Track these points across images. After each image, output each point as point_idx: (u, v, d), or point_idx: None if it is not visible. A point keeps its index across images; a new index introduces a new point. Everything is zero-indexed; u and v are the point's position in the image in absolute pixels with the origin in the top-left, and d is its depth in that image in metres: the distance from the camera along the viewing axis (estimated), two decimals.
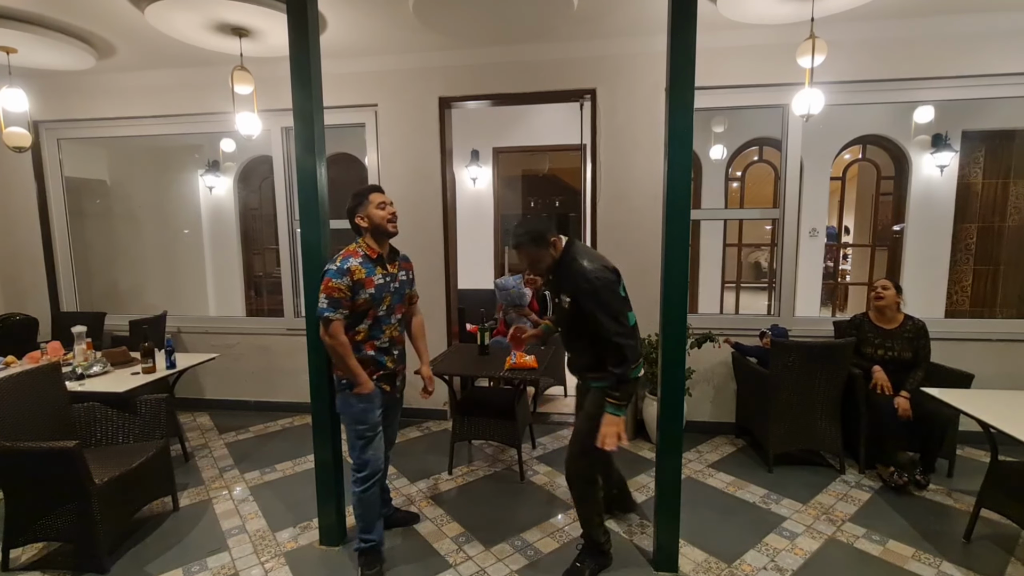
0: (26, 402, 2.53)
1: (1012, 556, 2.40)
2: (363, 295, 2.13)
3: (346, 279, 2.09)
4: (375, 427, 2.26)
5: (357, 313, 2.16)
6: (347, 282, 2.09)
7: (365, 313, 2.18)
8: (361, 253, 2.17)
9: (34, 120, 4.23)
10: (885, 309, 3.22)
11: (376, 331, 2.23)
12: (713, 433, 3.82)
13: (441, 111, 3.89)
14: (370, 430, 2.24)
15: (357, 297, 2.13)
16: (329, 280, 2.09)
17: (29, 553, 2.48)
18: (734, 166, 6.36)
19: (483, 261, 6.16)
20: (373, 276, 2.16)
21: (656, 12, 3.10)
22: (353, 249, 2.18)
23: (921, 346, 3.15)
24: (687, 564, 2.38)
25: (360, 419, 2.23)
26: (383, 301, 2.21)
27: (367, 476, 2.26)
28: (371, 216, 2.18)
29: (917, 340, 3.16)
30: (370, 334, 2.22)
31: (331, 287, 2.08)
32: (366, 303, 2.15)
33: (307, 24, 2.27)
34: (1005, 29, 3.25)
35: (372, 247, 2.21)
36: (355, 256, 2.15)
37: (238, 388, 4.44)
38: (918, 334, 3.17)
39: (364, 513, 2.30)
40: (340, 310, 2.09)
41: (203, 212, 6.19)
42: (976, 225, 5.49)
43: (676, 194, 2.13)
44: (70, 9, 3.04)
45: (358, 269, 2.12)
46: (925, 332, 3.17)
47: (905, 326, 3.20)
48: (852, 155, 6.27)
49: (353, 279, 2.10)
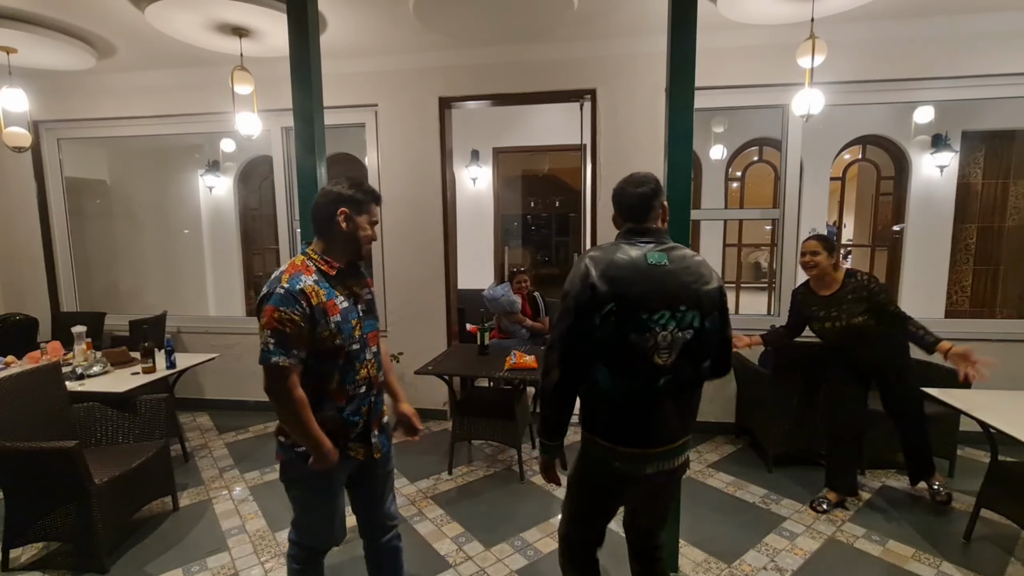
0: (26, 402, 2.53)
1: (1012, 556, 2.41)
2: (327, 326, 1.51)
3: (299, 307, 1.46)
4: (329, 516, 1.67)
5: (322, 352, 1.53)
6: (300, 311, 1.46)
7: (335, 352, 1.54)
8: (313, 268, 1.55)
9: (34, 120, 4.22)
10: (822, 276, 2.68)
11: (349, 375, 1.59)
12: (713, 433, 3.82)
13: (441, 111, 3.89)
14: (320, 519, 1.67)
15: (318, 330, 1.50)
16: (275, 310, 1.44)
17: (29, 553, 2.48)
18: (734, 166, 6.37)
19: (483, 261, 6.16)
20: (335, 298, 1.55)
21: (656, 12, 3.10)
22: (300, 263, 1.54)
23: (881, 300, 2.56)
24: (687, 564, 2.38)
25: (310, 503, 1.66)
26: (353, 330, 1.58)
27: (303, 549, 1.70)
28: (357, 225, 1.59)
29: (868, 297, 2.57)
30: (342, 379, 1.58)
31: (279, 319, 1.44)
32: (331, 337, 1.52)
33: (307, 24, 2.27)
34: (1005, 29, 3.25)
35: (330, 261, 1.58)
36: (305, 272, 1.52)
37: (238, 388, 4.44)
38: (865, 290, 2.57)
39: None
40: (293, 351, 1.46)
41: (203, 212, 6.19)
42: (976, 225, 5.49)
43: (676, 194, 2.13)
44: (70, 9, 3.04)
45: (314, 291, 1.50)
46: (873, 283, 2.60)
47: (847, 286, 2.62)
48: (852, 155, 6.27)
49: (311, 305, 1.48)
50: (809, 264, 2.67)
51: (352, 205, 1.57)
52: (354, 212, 1.58)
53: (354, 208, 1.58)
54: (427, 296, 4.07)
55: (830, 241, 2.70)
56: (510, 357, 3.12)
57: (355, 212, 1.58)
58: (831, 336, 2.71)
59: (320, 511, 1.66)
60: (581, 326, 1.42)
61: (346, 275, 1.63)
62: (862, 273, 2.67)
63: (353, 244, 1.60)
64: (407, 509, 2.87)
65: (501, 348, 3.49)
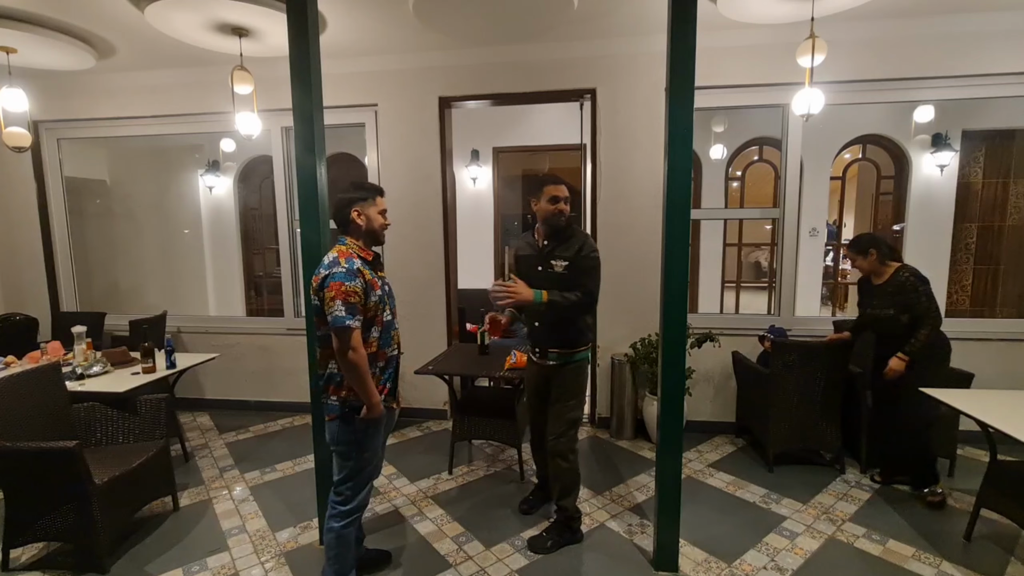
0: (26, 402, 2.53)
1: (1012, 556, 2.40)
2: (372, 298, 1.91)
3: (359, 281, 1.85)
4: (376, 455, 2.06)
5: (367, 320, 1.92)
6: (360, 284, 1.85)
7: (373, 320, 1.95)
8: (356, 255, 1.94)
9: (34, 120, 4.23)
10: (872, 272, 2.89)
11: (387, 338, 2.00)
12: (713, 433, 3.82)
13: (441, 111, 3.89)
14: (374, 457, 2.04)
15: (368, 301, 1.90)
16: (342, 284, 1.81)
17: (29, 553, 2.48)
18: (734, 166, 6.36)
19: (483, 261, 6.15)
20: (375, 278, 1.97)
21: (656, 12, 3.10)
22: (346, 251, 1.93)
23: (910, 303, 2.69)
24: (687, 564, 2.38)
25: (366, 446, 1.98)
26: (386, 304, 2.01)
27: (352, 510, 2.02)
28: (371, 217, 1.97)
29: (901, 295, 2.73)
30: (381, 343, 1.98)
31: (346, 291, 1.80)
32: (375, 307, 1.93)
33: (307, 24, 2.27)
34: (1005, 29, 3.25)
35: (365, 249, 1.99)
36: (354, 257, 1.92)
37: (238, 388, 4.44)
38: (900, 288, 2.74)
39: (340, 553, 2.04)
40: (357, 317, 1.83)
41: (203, 212, 6.19)
42: (976, 224, 5.49)
43: (676, 194, 2.13)
44: (70, 9, 3.04)
45: (364, 270, 1.90)
46: (912, 286, 2.72)
47: (892, 280, 2.79)
48: (852, 155, 6.27)
49: (365, 280, 1.88)
50: (855, 269, 3.00)
51: (360, 202, 1.97)
52: (364, 207, 1.97)
53: (362, 203, 1.97)
54: (427, 296, 4.07)
55: (857, 243, 2.92)
56: (510, 357, 3.12)
57: (365, 206, 1.97)
58: (868, 321, 2.93)
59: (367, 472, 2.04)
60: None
61: (375, 262, 2.04)
62: (910, 273, 2.77)
63: (372, 232, 2.00)
64: (407, 509, 2.88)
65: (501, 347, 3.48)
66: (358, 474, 2.01)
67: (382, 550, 2.43)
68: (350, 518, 2.02)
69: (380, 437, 2.04)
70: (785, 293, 3.75)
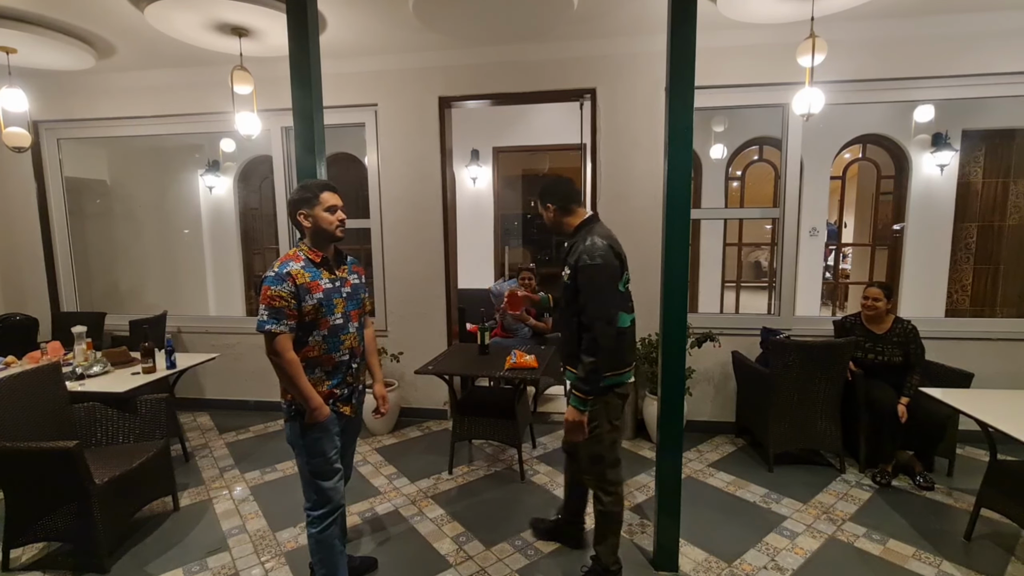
0: (26, 402, 2.54)
1: (1012, 555, 2.41)
2: (309, 302, 1.87)
3: (287, 285, 1.83)
4: (332, 459, 1.99)
5: (306, 324, 1.89)
6: (288, 288, 1.83)
7: (315, 323, 1.90)
8: (302, 257, 1.92)
9: (34, 120, 4.23)
10: (878, 317, 3.21)
11: (333, 343, 1.95)
12: (713, 433, 3.82)
13: (441, 111, 3.89)
14: (327, 463, 1.97)
15: (303, 304, 1.86)
16: (268, 288, 1.82)
17: (29, 553, 2.48)
18: (734, 165, 6.36)
19: (483, 261, 6.16)
20: (319, 280, 1.91)
21: (656, 12, 3.10)
22: (293, 253, 1.94)
23: (912, 350, 3.12)
24: (687, 563, 2.38)
25: (314, 451, 1.95)
26: (335, 307, 1.95)
27: (325, 514, 1.99)
28: (316, 217, 1.91)
29: (907, 343, 3.13)
30: (327, 347, 1.94)
31: (271, 295, 1.82)
32: (314, 311, 1.88)
33: (307, 24, 2.27)
34: (1005, 29, 3.25)
35: (314, 251, 1.95)
36: (295, 260, 1.90)
37: (238, 388, 4.44)
38: (907, 337, 3.14)
39: (325, 557, 2.03)
40: (284, 321, 1.83)
41: (203, 212, 6.19)
42: (976, 224, 5.49)
43: (676, 194, 2.13)
44: (70, 9, 3.04)
45: (300, 273, 1.86)
46: (915, 335, 3.14)
47: (895, 330, 3.17)
48: (852, 154, 6.27)
49: (296, 284, 1.85)
50: (870, 307, 3.19)
51: (303, 204, 1.92)
52: (308, 208, 1.92)
53: (306, 205, 1.92)
54: (427, 296, 4.07)
55: (889, 288, 3.24)
56: (510, 357, 3.12)
57: (309, 208, 1.92)
58: (869, 365, 3.21)
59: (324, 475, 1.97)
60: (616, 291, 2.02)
61: (332, 262, 1.99)
62: (908, 322, 3.20)
63: (323, 233, 1.94)
64: (407, 509, 2.88)
65: (502, 347, 3.49)
66: (314, 477, 1.97)
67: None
68: (323, 523, 1.99)
69: (332, 442, 1.98)
70: (785, 293, 3.75)
